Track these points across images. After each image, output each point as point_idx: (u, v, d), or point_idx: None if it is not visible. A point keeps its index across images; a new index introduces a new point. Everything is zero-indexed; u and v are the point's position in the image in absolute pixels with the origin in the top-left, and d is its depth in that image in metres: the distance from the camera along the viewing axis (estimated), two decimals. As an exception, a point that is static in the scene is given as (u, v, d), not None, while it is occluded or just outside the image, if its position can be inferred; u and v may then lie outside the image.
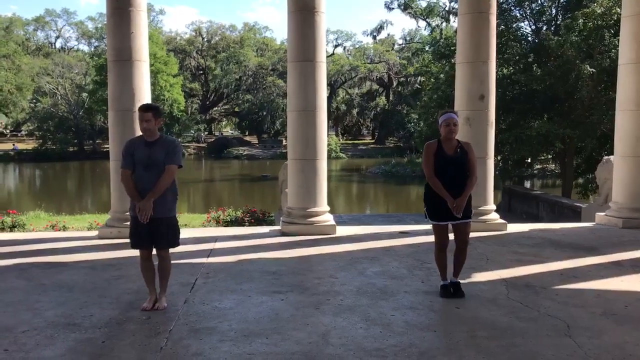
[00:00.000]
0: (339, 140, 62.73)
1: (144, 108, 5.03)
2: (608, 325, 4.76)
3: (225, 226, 12.45)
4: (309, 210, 8.95)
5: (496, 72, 9.52)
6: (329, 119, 13.97)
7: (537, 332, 4.58)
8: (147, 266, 5.15)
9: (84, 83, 59.03)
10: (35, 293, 5.71)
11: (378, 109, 67.21)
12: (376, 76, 65.81)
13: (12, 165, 51.56)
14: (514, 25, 21.58)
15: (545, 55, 19.94)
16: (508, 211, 19.10)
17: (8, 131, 69.16)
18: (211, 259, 7.24)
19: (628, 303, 5.34)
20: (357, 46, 71.47)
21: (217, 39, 69.28)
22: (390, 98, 67.28)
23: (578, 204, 15.74)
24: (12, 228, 11.67)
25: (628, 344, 4.34)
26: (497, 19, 9.69)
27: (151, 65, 9.83)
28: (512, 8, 21.86)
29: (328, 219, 9.09)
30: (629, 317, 4.96)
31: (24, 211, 15.85)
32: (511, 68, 21.19)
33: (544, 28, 21.99)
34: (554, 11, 22.58)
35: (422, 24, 61.47)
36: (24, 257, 7.43)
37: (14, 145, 59.11)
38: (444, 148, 5.40)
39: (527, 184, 30.14)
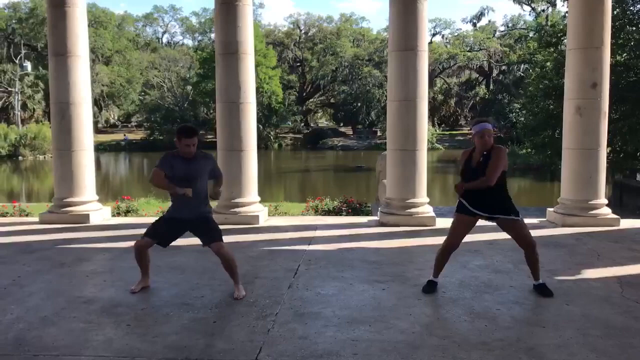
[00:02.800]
0: (436, 130, 61.56)
1: (191, 133, 5.13)
2: None
3: (323, 215, 12.63)
4: (408, 201, 8.90)
5: (610, 59, 8.96)
6: (427, 109, 13.56)
7: (656, 334, 4.31)
8: (143, 255, 5.39)
9: (188, 76, 61.86)
10: (151, 273, 6.08)
11: (477, 99, 65.33)
12: (476, 64, 63.99)
13: (123, 154, 55.00)
14: (631, 8, 20.17)
15: (665, 39, 18.53)
16: (619, 206, 17.95)
17: (119, 122, 73.81)
18: (312, 247, 7.39)
19: None
20: (456, 34, 69.73)
21: (314, 30, 70.09)
22: (491, 87, 65.14)
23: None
24: (127, 213, 12.47)
25: None
26: (612, 2, 9.10)
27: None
28: (629, -11, 20.44)
29: (428, 210, 9.00)
30: None
31: (136, 197, 16.87)
32: (626, 54, 19.84)
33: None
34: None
35: (527, 9, 58.97)
36: (140, 239, 7.93)
37: (125, 135, 63.04)
38: (472, 158, 5.17)
39: (640, 178, 28.17)
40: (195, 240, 7.83)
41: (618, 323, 4.54)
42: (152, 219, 10.74)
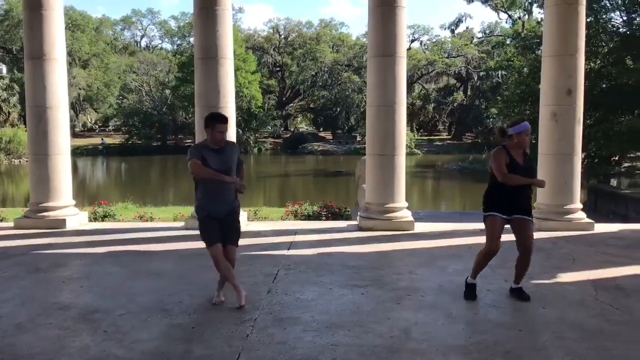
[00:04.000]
0: (414, 135, 61.98)
1: (223, 119, 5.01)
2: None
3: (303, 220, 12.64)
4: (387, 205, 8.95)
5: (585, 66, 9.13)
6: (406, 114, 13.72)
7: (629, 337, 4.39)
8: (225, 262, 5.00)
9: (166, 80, 61.45)
10: (129, 279, 6.05)
11: (455, 104, 65.92)
12: (454, 70, 64.60)
13: (100, 158, 54.39)
14: (604, 16, 20.58)
15: (637, 46, 18.90)
16: (594, 210, 18.25)
17: (97, 126, 73.00)
18: (292, 252, 7.39)
19: None
20: (434, 40, 70.39)
21: (293, 35, 70.18)
22: (468, 93, 65.82)
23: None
24: (104, 218, 12.34)
25: None
26: (586, 10, 9.28)
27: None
28: (602, -2, 20.86)
29: (406, 215, 9.05)
30: None
31: (113, 202, 16.70)
32: (599, 61, 20.23)
33: (638, 19, 20.83)
34: (648, 0, 21.35)
35: (503, 16, 59.76)
36: (117, 245, 7.89)
37: (102, 139, 62.35)
38: (514, 157, 5.20)
39: (614, 183, 28.68)
40: (175, 245, 7.84)
41: (592, 326, 4.62)
42: (130, 224, 10.69)
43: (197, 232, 8.59)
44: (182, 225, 9.32)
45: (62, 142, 9.30)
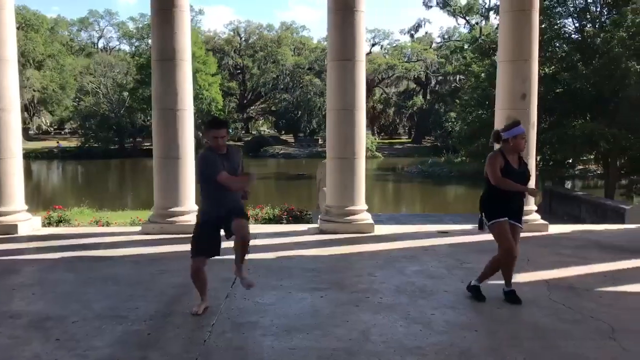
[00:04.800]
0: (375, 139, 62.48)
1: (219, 125, 4.87)
2: (655, 329, 4.67)
3: (263, 223, 12.59)
4: (347, 208, 8.98)
5: (539, 71, 9.37)
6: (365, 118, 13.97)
7: (580, 335, 4.52)
8: (203, 276, 4.97)
9: (124, 82, 60.33)
10: (84, 285, 5.90)
11: (415, 108, 66.75)
12: (413, 75, 65.39)
13: (56, 162, 53.03)
14: (557, 23, 21.17)
15: (590, 53, 19.51)
16: (548, 212, 18.74)
17: (52, 129, 71.15)
18: (251, 255, 7.27)
19: (676, 307, 5.21)
20: (394, 45, 71.16)
21: (254, 38, 69.93)
22: (428, 97, 66.74)
23: (622, 206, 15.35)
24: (58, 223, 12.04)
25: (676, 348, 4.24)
26: (539, 17, 9.53)
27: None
28: (555, 5, 21.42)
29: (366, 217, 9.11)
30: (676, 321, 4.84)
31: (69, 207, 16.29)
32: (553, 67, 20.79)
33: (588, 25, 21.50)
34: (598, 8, 22.06)
35: (461, 21, 60.88)
36: (72, 250, 7.68)
37: (58, 143, 60.81)
38: (510, 161, 5.25)
39: (568, 185, 29.52)
40: (132, 251, 7.69)
41: (546, 325, 4.73)
42: (86, 229, 10.46)
43: (154, 236, 8.46)
44: (139, 230, 9.15)
45: (13, 145, 9.02)
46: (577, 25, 22.02)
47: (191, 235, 5.04)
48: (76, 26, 77.74)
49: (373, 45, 70.62)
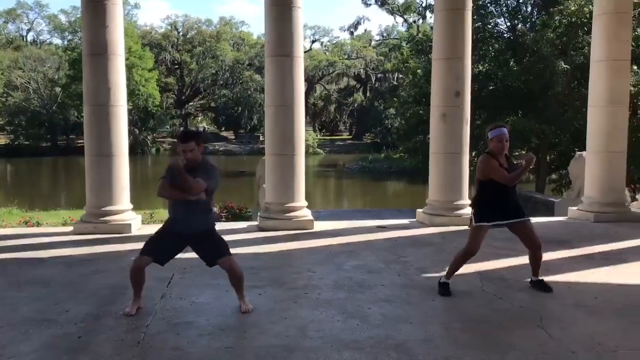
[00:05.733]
0: (317, 135, 62.74)
1: (184, 138, 4.71)
2: (579, 316, 4.88)
3: (202, 221, 12.39)
4: (286, 205, 8.97)
5: (472, 69, 9.64)
6: (306, 114, 14.10)
7: (510, 324, 4.68)
8: (142, 276, 4.86)
9: (56, 77, 58.09)
10: (11, 289, 5.64)
11: (355, 105, 67.40)
12: (353, 72, 66.00)
13: (-18, 160, 50.53)
14: (490, 22, 21.83)
15: (521, 51, 20.22)
16: (483, 206, 19.25)
17: (-22, 126, 67.72)
18: (188, 254, 7.16)
19: (598, 294, 5.47)
20: (334, 42, 71.60)
21: (192, 33, 68.65)
22: (368, 94, 67.51)
23: (551, 199, 15.98)
24: (-16, 224, 11.48)
25: (597, 334, 4.45)
26: (473, 16, 9.80)
27: (126, 59, 9.74)
28: (488, 5, 22.10)
29: (306, 214, 9.12)
30: (598, 308, 5.08)
31: (-4, 207, 15.60)
32: (487, 65, 21.44)
33: (520, 25, 22.28)
34: (529, 8, 22.91)
35: (399, 20, 61.82)
36: (-2, 253, 7.33)
37: (-15, 140, 57.95)
38: (500, 161, 5.30)
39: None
40: (63, 251, 7.40)
41: (478, 316, 4.87)
42: (15, 230, 9.99)
43: (87, 236, 8.23)
44: (71, 230, 8.83)
45: None
46: (509, 24, 22.80)
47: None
48: (3, 18, 74.15)
49: (313, 42, 70.89)
